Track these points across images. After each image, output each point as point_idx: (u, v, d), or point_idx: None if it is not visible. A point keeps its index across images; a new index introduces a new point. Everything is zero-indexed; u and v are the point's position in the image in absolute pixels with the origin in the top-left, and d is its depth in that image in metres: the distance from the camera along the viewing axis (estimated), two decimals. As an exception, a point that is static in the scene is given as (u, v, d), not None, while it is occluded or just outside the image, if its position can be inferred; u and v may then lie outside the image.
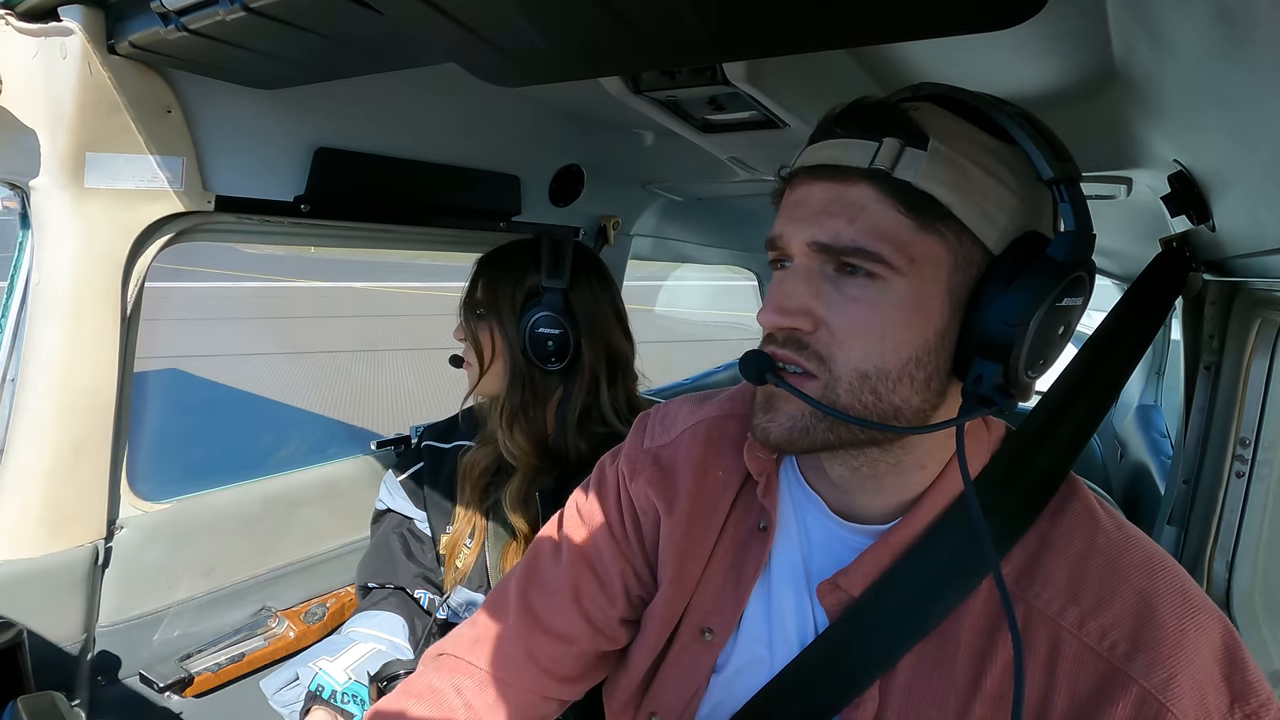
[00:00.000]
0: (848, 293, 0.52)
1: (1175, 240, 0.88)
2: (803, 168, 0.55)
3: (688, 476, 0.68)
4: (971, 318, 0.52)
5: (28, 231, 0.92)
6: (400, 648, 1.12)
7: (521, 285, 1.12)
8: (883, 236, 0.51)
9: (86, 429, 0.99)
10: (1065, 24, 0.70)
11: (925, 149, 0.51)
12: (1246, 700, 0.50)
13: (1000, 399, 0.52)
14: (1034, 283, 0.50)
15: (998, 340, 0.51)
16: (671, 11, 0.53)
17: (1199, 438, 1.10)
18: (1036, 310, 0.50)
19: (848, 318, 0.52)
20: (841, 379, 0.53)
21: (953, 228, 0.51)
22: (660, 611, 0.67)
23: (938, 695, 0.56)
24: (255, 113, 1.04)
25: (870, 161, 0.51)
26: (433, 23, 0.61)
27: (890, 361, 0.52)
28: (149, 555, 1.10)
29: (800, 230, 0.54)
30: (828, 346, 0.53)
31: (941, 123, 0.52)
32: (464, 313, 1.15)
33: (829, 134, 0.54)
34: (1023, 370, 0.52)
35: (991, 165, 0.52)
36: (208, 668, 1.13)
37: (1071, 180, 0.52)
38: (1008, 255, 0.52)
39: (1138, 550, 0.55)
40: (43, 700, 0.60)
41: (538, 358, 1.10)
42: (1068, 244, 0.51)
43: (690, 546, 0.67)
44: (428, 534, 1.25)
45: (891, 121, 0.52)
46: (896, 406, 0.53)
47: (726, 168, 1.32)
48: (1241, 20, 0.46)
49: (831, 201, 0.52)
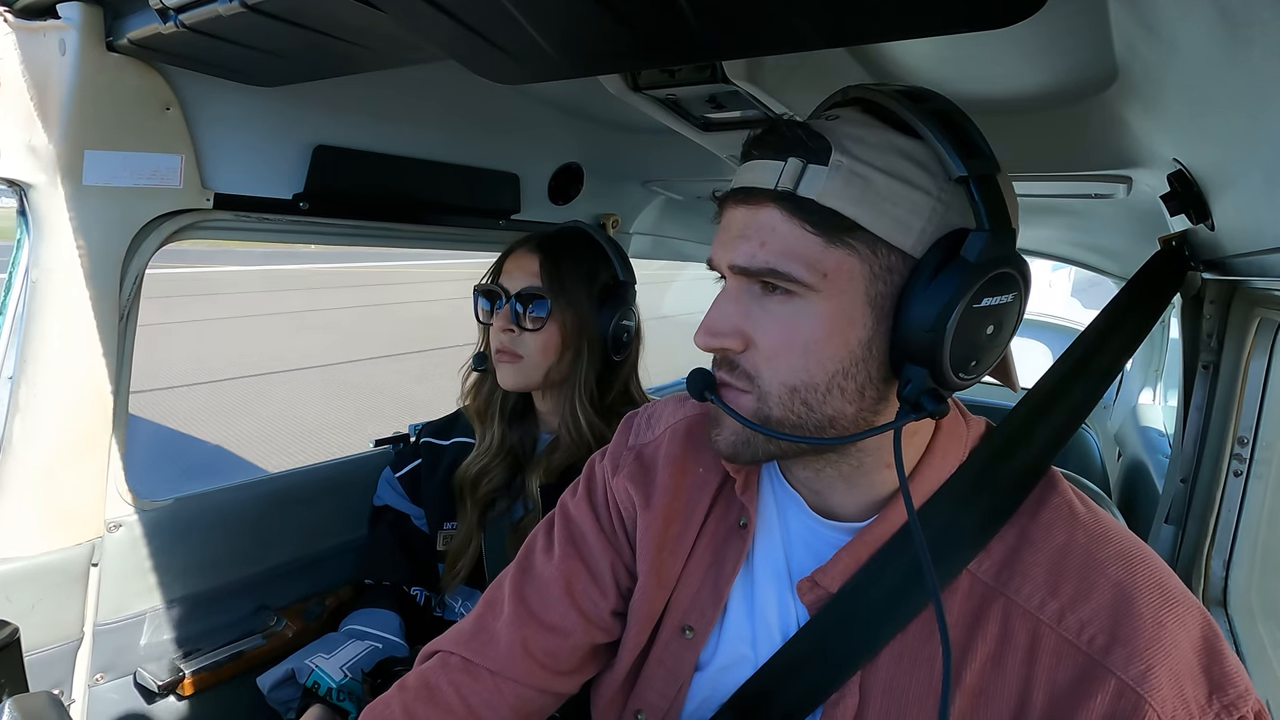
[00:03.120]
0: (771, 311, 0.55)
1: (1174, 239, 0.88)
2: (730, 191, 0.57)
3: (665, 472, 0.70)
4: (897, 324, 0.53)
5: (26, 229, 0.92)
6: (396, 645, 1.12)
7: (597, 277, 1.15)
8: (793, 256, 0.52)
9: (84, 426, 0.98)
10: (1065, 23, 0.70)
11: (827, 164, 0.51)
12: (1225, 691, 0.51)
13: (931, 403, 0.52)
14: (947, 286, 0.50)
15: (920, 345, 0.52)
16: (671, 10, 0.53)
17: (1197, 437, 1.10)
18: (952, 313, 0.50)
19: (771, 335, 0.54)
20: (771, 394, 0.55)
21: (863, 239, 0.52)
22: (640, 608, 0.68)
23: (918, 690, 0.57)
24: (254, 110, 1.03)
25: (775, 183, 0.53)
26: (432, 20, 0.61)
27: (816, 374, 0.54)
28: (146, 553, 1.10)
29: (724, 253, 0.56)
30: (755, 364, 0.55)
31: (853, 132, 0.53)
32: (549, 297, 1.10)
33: (747, 156, 0.56)
34: (951, 373, 0.52)
35: (902, 169, 0.52)
36: (205, 666, 1.13)
37: (984, 177, 0.51)
38: (928, 259, 0.52)
39: (1115, 543, 0.56)
40: (37, 700, 0.60)
41: (614, 348, 1.14)
42: (980, 243, 0.50)
43: (668, 542, 0.68)
44: (424, 531, 1.25)
45: (796, 141, 0.53)
46: (830, 416, 0.55)
47: (726, 166, 1.32)
48: (1242, 20, 0.46)
49: (746, 225, 0.54)
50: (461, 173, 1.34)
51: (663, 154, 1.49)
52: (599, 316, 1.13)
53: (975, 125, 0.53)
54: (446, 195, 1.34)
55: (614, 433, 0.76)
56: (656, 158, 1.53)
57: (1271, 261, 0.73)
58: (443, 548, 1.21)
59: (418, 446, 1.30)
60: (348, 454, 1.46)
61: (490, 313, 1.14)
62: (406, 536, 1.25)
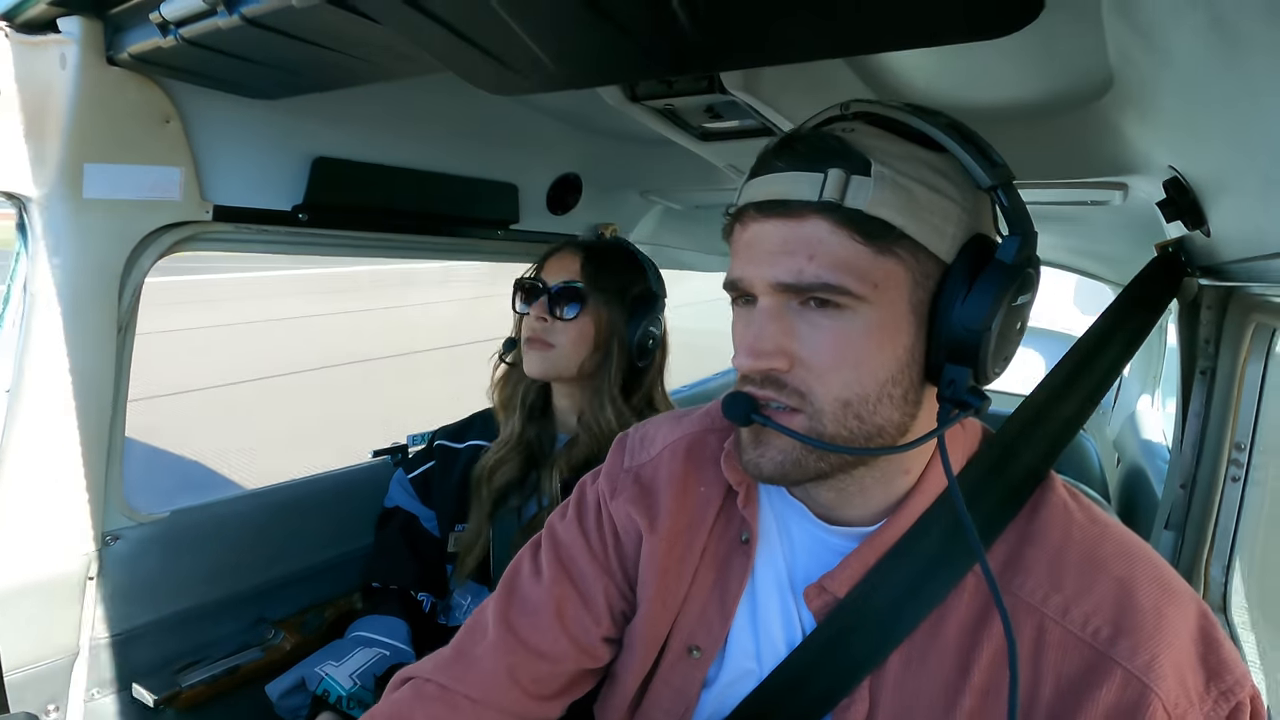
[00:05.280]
0: (818, 327, 0.53)
1: (1171, 245, 0.89)
2: (751, 204, 0.55)
3: (669, 494, 0.68)
4: (936, 327, 0.54)
5: (25, 242, 0.92)
6: (404, 652, 1.12)
7: (634, 286, 1.21)
8: (843, 267, 0.52)
9: (81, 439, 0.98)
10: (1059, 32, 0.71)
11: (869, 174, 0.51)
12: (1221, 678, 0.52)
13: (975, 400, 0.54)
14: (990, 287, 0.52)
15: (965, 345, 0.53)
16: (670, 22, 0.54)
17: (1195, 442, 1.10)
18: (997, 313, 0.52)
19: (822, 351, 0.53)
20: (825, 410, 0.54)
21: (907, 246, 0.52)
22: (644, 631, 0.67)
23: (927, 691, 0.57)
24: (253, 123, 1.04)
25: (819, 194, 0.51)
26: (430, 33, 0.61)
27: (869, 386, 0.54)
28: (143, 566, 1.09)
29: (761, 270, 0.54)
30: (805, 381, 0.54)
31: (878, 144, 0.53)
32: (589, 291, 1.17)
33: (770, 168, 0.55)
34: (991, 370, 0.54)
35: (931, 179, 0.53)
36: (202, 680, 1.12)
37: (1007, 184, 0.53)
38: (960, 262, 0.53)
39: (1114, 539, 0.57)
40: None
41: (639, 354, 1.19)
42: (1014, 246, 0.52)
43: (672, 565, 0.67)
44: (434, 534, 1.25)
45: (831, 151, 0.52)
46: (880, 425, 0.55)
47: (724, 175, 1.33)
48: (1234, 28, 0.46)
49: (787, 239, 0.53)
50: (460, 183, 1.34)
51: (661, 164, 1.50)
52: (629, 322, 1.18)
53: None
54: (445, 206, 1.34)
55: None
56: (654, 167, 1.54)
57: (1267, 267, 0.73)
58: (454, 549, 1.22)
59: (431, 449, 1.31)
60: (345, 466, 1.45)
61: (527, 302, 1.19)
62: (415, 538, 1.25)
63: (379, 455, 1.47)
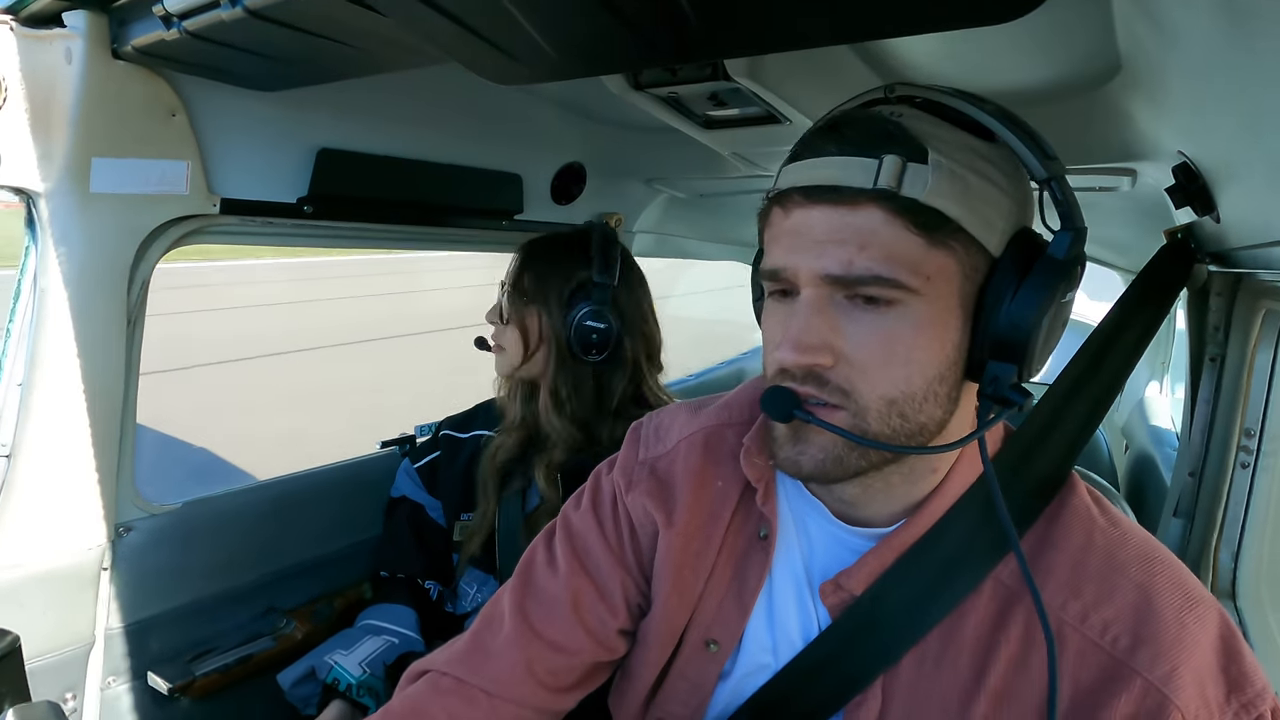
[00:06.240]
0: (865, 322, 0.51)
1: (1180, 232, 0.88)
2: (796, 189, 0.52)
3: (687, 488, 0.67)
4: (981, 323, 0.52)
5: (34, 236, 0.93)
6: (413, 640, 1.14)
7: (571, 279, 1.15)
8: (897, 260, 0.49)
9: (93, 432, 0.99)
10: (1067, 15, 0.70)
11: (926, 162, 0.49)
12: (1243, 690, 0.51)
13: (1018, 397, 0.52)
14: (1042, 284, 0.50)
15: (1013, 343, 0.51)
16: (673, 9, 0.53)
17: (1204, 430, 1.10)
18: (1048, 311, 0.51)
19: (869, 348, 0.51)
20: (870, 409, 0.52)
21: (961, 239, 0.51)
22: (660, 626, 0.67)
23: (941, 692, 0.56)
24: (258, 115, 1.04)
25: (874, 181, 0.49)
26: (434, 23, 0.61)
27: (916, 384, 0.52)
28: (156, 557, 1.11)
29: (807, 261, 0.51)
30: (849, 379, 0.52)
31: (933, 130, 0.51)
32: (509, 298, 1.17)
33: (819, 151, 0.52)
34: (1036, 367, 0.52)
35: (985, 170, 0.51)
36: (216, 668, 1.14)
37: (1060, 177, 0.52)
38: (1008, 256, 0.52)
39: (1135, 545, 0.56)
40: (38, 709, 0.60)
41: (581, 349, 1.13)
42: (1067, 242, 0.51)
43: (689, 560, 0.66)
44: (440, 523, 1.26)
45: (887, 136, 0.50)
46: (922, 424, 0.53)
47: (729, 163, 1.32)
48: (1245, 10, 0.46)
49: (837, 228, 0.50)
50: (464, 174, 1.34)
51: (665, 152, 1.49)
52: (566, 318, 1.14)
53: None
54: (449, 196, 1.34)
55: (609, 437, 0.74)
56: (659, 156, 1.53)
57: (1277, 254, 0.73)
58: (459, 538, 1.23)
59: (437, 438, 1.32)
60: (355, 456, 1.46)
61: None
62: (421, 527, 1.27)
63: (387, 445, 1.48)
